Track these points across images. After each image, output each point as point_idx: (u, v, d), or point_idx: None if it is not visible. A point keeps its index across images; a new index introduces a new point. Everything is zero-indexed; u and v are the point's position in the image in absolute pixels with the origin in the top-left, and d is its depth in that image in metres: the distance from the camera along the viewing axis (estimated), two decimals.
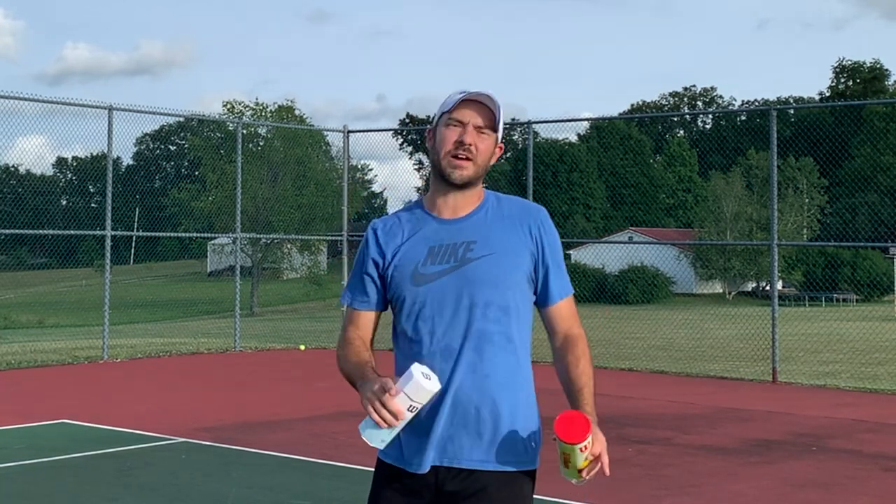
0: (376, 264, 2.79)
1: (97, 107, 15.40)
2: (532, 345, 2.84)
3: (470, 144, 2.71)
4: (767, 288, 45.59)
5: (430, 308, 2.70)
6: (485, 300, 2.68)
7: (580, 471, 2.55)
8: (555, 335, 2.83)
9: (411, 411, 2.49)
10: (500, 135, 2.78)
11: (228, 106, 50.67)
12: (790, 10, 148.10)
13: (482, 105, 2.73)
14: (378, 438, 2.51)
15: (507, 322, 2.71)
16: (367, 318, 2.83)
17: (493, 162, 2.80)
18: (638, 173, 59.30)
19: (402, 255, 2.75)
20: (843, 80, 73.70)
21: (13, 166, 37.96)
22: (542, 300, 2.81)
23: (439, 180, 2.78)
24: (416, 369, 2.49)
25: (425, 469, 2.66)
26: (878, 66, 72.87)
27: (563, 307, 2.83)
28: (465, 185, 2.76)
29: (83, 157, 65.41)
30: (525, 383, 2.75)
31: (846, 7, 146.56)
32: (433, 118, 2.83)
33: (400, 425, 2.50)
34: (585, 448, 2.52)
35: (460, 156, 2.72)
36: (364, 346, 2.79)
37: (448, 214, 2.78)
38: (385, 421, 2.47)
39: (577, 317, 2.86)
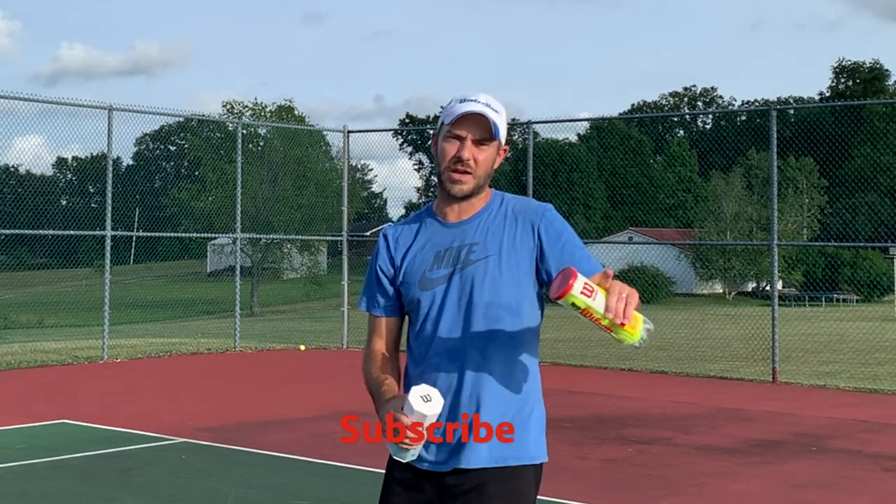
0: (388, 272, 2.85)
1: (97, 107, 15.39)
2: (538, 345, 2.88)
3: (468, 159, 2.73)
4: (767, 288, 45.57)
5: (436, 311, 2.75)
6: (486, 301, 2.71)
7: (621, 324, 2.48)
8: None
9: (417, 431, 2.56)
10: (502, 139, 2.78)
11: (228, 106, 50.72)
12: (790, 10, 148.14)
13: (480, 116, 2.72)
14: (403, 455, 2.63)
15: (511, 321, 2.72)
16: (387, 324, 2.88)
17: (496, 166, 2.81)
18: (638, 173, 59.20)
19: (412, 262, 2.81)
20: (843, 81, 73.70)
21: (13, 166, 37.97)
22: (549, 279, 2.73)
23: (443, 190, 2.81)
24: (414, 394, 2.52)
25: (448, 468, 2.72)
26: (878, 66, 72.91)
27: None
28: (467, 196, 2.79)
29: (83, 157, 65.37)
30: (531, 379, 2.78)
31: (840, 8, 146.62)
32: (439, 124, 2.83)
33: (417, 446, 2.58)
34: (590, 293, 2.42)
35: (459, 170, 2.74)
36: (384, 360, 2.84)
37: (453, 218, 2.81)
38: (401, 444, 2.56)
39: None
